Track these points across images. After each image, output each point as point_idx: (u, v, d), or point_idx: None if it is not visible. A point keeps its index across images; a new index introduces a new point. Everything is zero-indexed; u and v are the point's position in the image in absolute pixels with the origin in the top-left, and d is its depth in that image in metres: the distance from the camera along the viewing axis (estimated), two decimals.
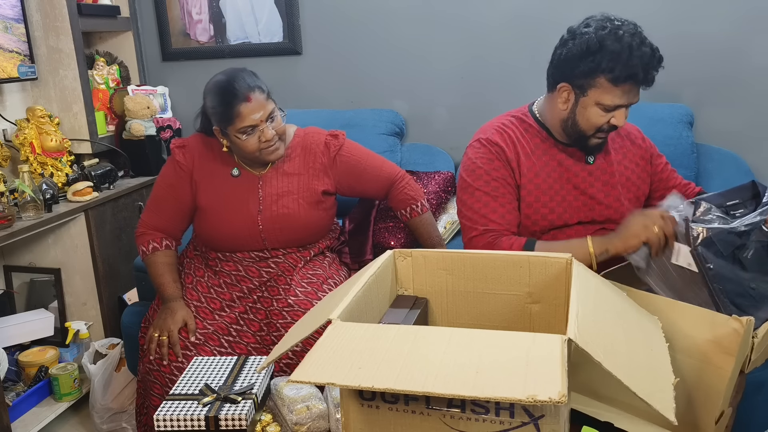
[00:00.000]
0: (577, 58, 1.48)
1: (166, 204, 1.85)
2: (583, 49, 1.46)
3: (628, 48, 1.42)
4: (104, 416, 2.15)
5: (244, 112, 1.66)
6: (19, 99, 2.44)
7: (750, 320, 1.14)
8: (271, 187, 1.80)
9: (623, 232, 1.39)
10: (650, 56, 1.43)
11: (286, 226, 1.79)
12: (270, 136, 1.70)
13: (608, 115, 1.49)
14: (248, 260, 1.82)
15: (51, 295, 2.41)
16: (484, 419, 0.90)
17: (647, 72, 1.44)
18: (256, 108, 1.67)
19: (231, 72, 1.72)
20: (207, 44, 2.77)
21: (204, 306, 1.75)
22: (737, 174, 2.15)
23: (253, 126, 1.68)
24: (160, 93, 2.76)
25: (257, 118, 1.67)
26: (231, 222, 1.78)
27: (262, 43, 2.70)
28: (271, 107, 1.71)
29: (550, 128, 1.61)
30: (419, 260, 1.28)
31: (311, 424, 1.30)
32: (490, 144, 1.59)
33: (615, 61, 1.42)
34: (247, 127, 1.68)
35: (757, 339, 1.18)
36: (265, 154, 1.74)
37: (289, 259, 1.82)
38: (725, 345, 1.13)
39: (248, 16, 2.70)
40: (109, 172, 2.44)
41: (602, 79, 1.45)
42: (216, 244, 1.84)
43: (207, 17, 2.74)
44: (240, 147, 1.72)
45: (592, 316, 1.00)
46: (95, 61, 2.67)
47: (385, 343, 0.93)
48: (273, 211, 1.78)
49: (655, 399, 0.88)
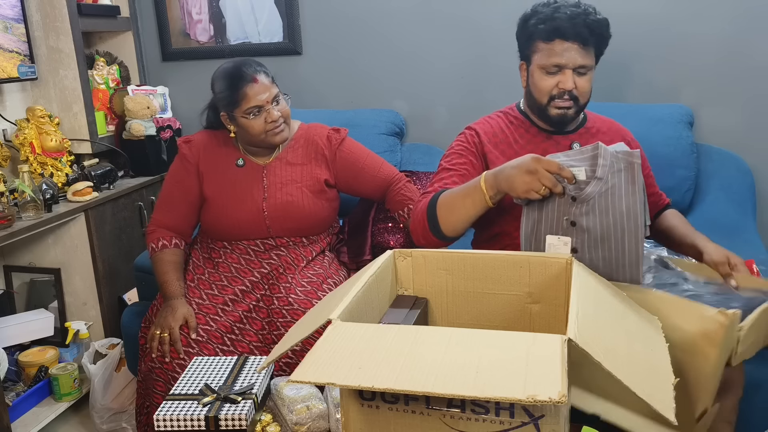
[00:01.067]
0: (519, 32, 1.60)
1: (175, 200, 1.90)
2: (522, 21, 1.59)
3: (555, 7, 1.52)
4: (104, 416, 2.15)
5: (250, 93, 1.74)
6: (19, 99, 2.44)
7: (736, 313, 1.16)
8: (275, 176, 1.85)
9: (513, 177, 1.33)
10: (578, 12, 1.50)
11: (290, 213, 1.83)
12: (275, 116, 1.77)
13: (554, 79, 1.54)
14: (252, 249, 1.84)
15: (51, 295, 2.41)
16: (484, 419, 0.90)
17: (575, 26, 1.50)
18: (261, 89, 1.76)
19: (237, 59, 1.84)
20: (207, 44, 2.77)
21: (206, 303, 1.75)
22: (737, 174, 2.15)
23: (259, 107, 1.76)
24: (160, 93, 2.76)
25: (263, 99, 1.76)
26: (236, 210, 1.83)
27: (262, 43, 2.70)
28: (276, 91, 1.80)
29: (531, 117, 1.65)
30: (419, 260, 1.28)
31: (311, 424, 1.30)
32: (468, 130, 1.66)
33: (542, 19, 1.53)
34: (253, 108, 1.76)
35: (742, 332, 1.19)
36: (270, 136, 1.80)
37: (292, 252, 1.84)
38: (712, 337, 1.15)
39: (248, 16, 2.70)
40: (109, 172, 2.44)
41: (537, 42, 1.55)
42: (222, 233, 1.87)
43: (207, 17, 2.74)
44: (247, 129, 1.79)
45: (592, 316, 1.00)
46: (95, 61, 2.67)
47: (385, 343, 0.93)
48: (277, 198, 1.83)
49: (655, 399, 0.88)
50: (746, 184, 2.14)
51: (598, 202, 1.28)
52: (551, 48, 1.52)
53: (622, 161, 1.29)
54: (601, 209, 1.28)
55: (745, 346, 1.22)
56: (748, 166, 2.16)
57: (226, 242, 1.88)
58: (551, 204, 1.32)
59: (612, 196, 1.28)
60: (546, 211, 1.33)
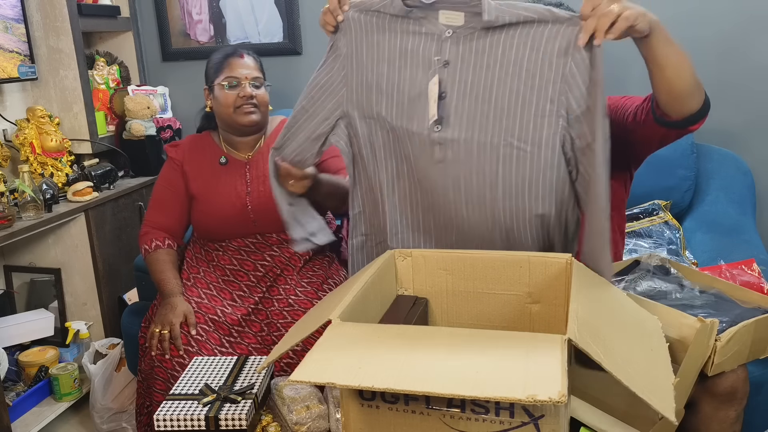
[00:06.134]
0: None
1: (165, 201, 1.91)
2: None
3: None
4: (104, 416, 2.15)
5: (234, 64, 1.82)
6: (19, 99, 2.44)
7: (714, 322, 1.18)
8: (257, 170, 1.86)
9: None
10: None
11: (273, 206, 1.81)
12: (248, 92, 1.81)
13: None
14: (244, 249, 1.85)
15: (51, 295, 2.41)
16: (484, 419, 0.90)
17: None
18: (244, 65, 1.83)
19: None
20: (207, 44, 2.77)
21: (205, 302, 1.75)
22: (737, 174, 2.15)
23: (236, 79, 1.81)
24: (160, 93, 2.76)
25: (242, 74, 1.81)
26: (221, 205, 1.84)
27: (262, 43, 2.70)
28: (259, 75, 1.85)
29: None
30: (419, 260, 1.28)
31: (311, 424, 1.30)
32: None
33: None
34: (231, 78, 1.81)
35: (720, 342, 1.21)
36: (239, 114, 1.82)
37: (285, 252, 1.84)
38: (685, 343, 1.19)
39: (248, 16, 2.70)
40: (109, 172, 2.44)
41: None
42: (210, 230, 1.89)
43: (207, 17, 2.75)
44: (219, 101, 1.83)
45: (592, 316, 1.00)
46: (95, 61, 2.67)
47: (385, 343, 0.93)
48: (261, 191, 1.83)
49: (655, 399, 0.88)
50: (746, 184, 2.14)
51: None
52: None
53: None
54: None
55: (725, 357, 1.24)
56: (748, 166, 2.16)
57: (218, 243, 1.88)
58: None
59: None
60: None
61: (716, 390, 1.30)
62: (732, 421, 1.32)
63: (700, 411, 1.32)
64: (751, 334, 1.29)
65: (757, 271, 1.62)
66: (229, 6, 2.71)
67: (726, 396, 1.30)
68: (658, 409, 0.87)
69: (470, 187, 1.26)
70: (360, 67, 1.34)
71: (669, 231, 2.06)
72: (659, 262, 1.55)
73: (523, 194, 1.25)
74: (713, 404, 1.31)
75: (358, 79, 1.35)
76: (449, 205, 1.30)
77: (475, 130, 1.24)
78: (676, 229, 2.06)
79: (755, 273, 1.61)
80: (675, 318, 1.22)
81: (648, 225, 2.09)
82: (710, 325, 1.19)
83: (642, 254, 1.63)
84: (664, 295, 1.41)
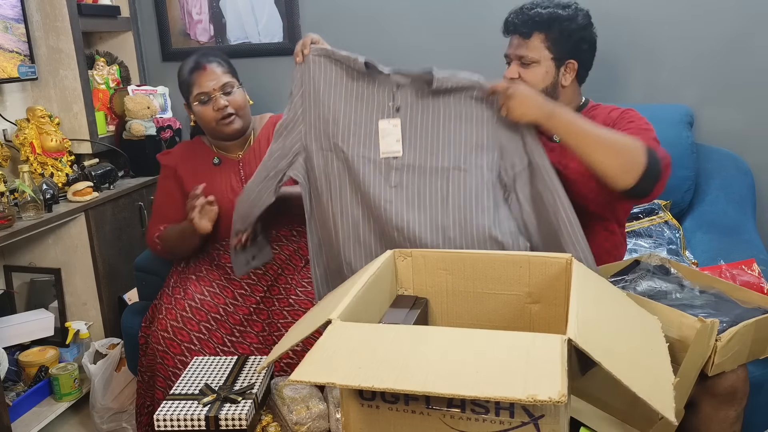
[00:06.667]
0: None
1: (164, 208, 1.94)
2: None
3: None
4: (104, 416, 2.15)
5: (198, 80, 1.82)
6: (19, 99, 2.44)
7: (714, 322, 1.18)
8: (250, 167, 1.87)
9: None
10: (518, 9, 1.59)
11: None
12: (221, 105, 1.81)
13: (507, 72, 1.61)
14: None
15: (51, 295, 2.40)
16: (484, 419, 0.90)
17: (509, 22, 1.60)
18: (209, 77, 1.82)
19: (200, 50, 1.94)
20: (207, 44, 2.77)
21: (207, 300, 1.76)
22: (737, 174, 2.15)
23: (206, 93, 1.82)
24: (161, 93, 2.76)
25: (210, 86, 1.81)
26: (218, 204, 1.83)
27: (262, 43, 2.70)
28: (228, 80, 1.84)
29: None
30: (419, 260, 1.28)
31: (311, 424, 1.30)
32: None
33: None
34: (200, 95, 1.82)
35: (720, 342, 1.21)
36: (221, 126, 1.85)
37: (285, 249, 1.84)
38: (685, 343, 1.19)
39: (248, 16, 2.70)
40: (109, 172, 2.44)
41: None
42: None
43: (207, 17, 2.74)
44: (199, 117, 1.87)
45: (592, 316, 1.00)
46: (95, 61, 2.67)
47: (385, 343, 0.93)
48: None
49: (655, 399, 0.88)
50: (746, 184, 2.14)
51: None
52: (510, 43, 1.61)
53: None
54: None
55: (725, 357, 1.25)
56: (748, 166, 2.16)
57: (218, 243, 1.89)
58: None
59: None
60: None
61: (716, 390, 1.30)
62: (732, 421, 1.32)
63: (700, 411, 1.32)
64: (751, 334, 1.29)
65: (757, 271, 1.62)
66: (229, 6, 2.71)
67: (726, 396, 1.30)
68: (658, 409, 0.87)
69: (423, 204, 1.43)
70: (317, 103, 1.53)
71: (669, 231, 2.06)
72: (659, 262, 1.55)
73: (469, 206, 1.41)
74: (713, 404, 1.31)
75: (315, 114, 1.53)
76: (402, 228, 1.43)
77: (428, 157, 1.45)
78: (676, 229, 2.06)
79: (755, 273, 1.61)
80: (675, 318, 1.22)
81: (648, 225, 2.09)
82: (710, 325, 1.19)
83: (642, 254, 1.63)
84: (664, 295, 1.41)
